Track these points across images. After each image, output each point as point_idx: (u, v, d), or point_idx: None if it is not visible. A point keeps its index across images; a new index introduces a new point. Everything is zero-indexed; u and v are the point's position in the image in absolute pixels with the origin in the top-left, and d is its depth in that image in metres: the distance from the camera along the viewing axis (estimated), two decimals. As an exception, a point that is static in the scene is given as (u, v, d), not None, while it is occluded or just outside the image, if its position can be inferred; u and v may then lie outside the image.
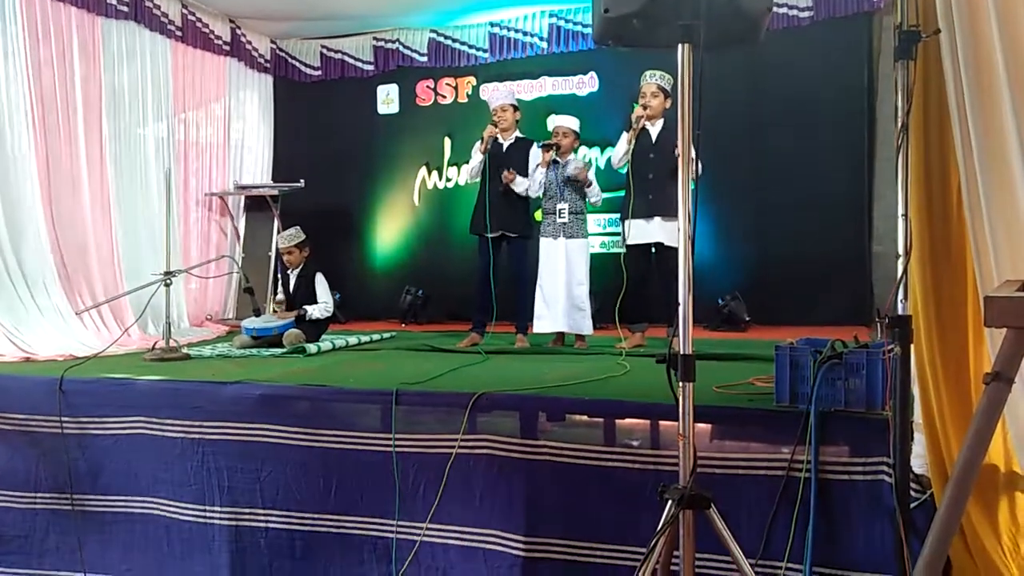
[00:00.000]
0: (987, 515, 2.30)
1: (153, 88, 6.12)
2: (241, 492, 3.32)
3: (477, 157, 5.11)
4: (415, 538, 3.03)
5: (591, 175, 4.98)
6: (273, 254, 6.67)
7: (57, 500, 3.62)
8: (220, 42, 6.86)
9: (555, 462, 2.87)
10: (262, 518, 3.29)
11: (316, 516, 3.21)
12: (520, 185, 5.04)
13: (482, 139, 5.06)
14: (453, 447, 2.98)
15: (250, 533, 3.31)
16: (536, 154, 5.06)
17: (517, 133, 5.19)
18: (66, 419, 3.58)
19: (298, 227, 5.34)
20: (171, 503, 3.44)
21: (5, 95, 4.86)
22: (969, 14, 2.05)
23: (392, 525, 3.08)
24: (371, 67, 7.36)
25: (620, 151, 4.82)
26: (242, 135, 7.34)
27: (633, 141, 4.72)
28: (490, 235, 5.06)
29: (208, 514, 3.37)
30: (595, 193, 4.99)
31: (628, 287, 4.65)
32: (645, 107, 4.72)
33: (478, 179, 5.16)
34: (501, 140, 5.13)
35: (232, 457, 3.34)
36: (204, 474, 3.37)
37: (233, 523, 3.33)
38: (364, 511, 3.14)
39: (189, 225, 6.73)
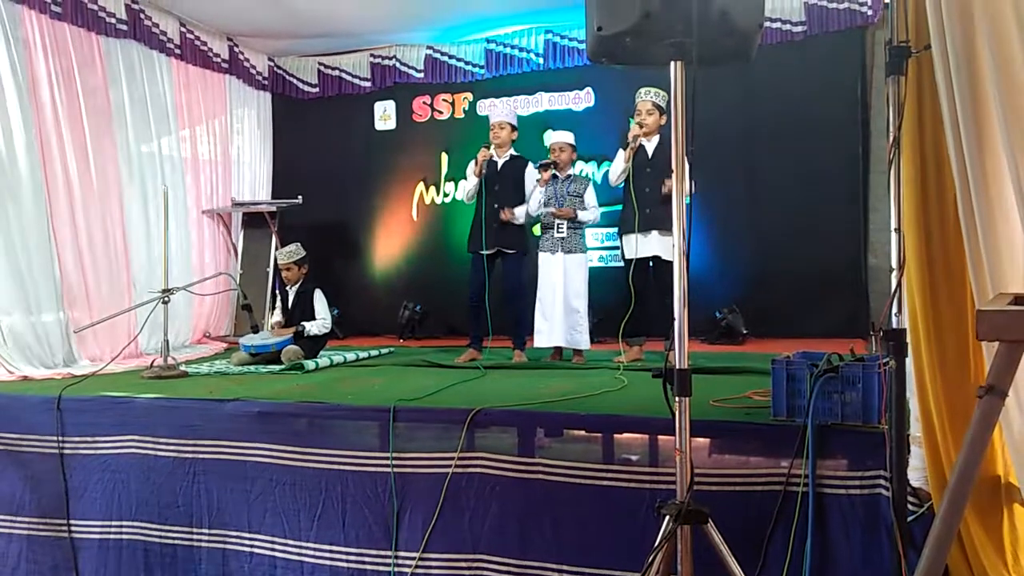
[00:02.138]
0: (985, 527, 2.29)
1: (157, 105, 6.14)
2: (229, 514, 3.29)
3: (472, 180, 5.13)
4: (406, 568, 3.00)
5: (585, 207, 4.94)
6: (271, 270, 6.68)
7: (36, 525, 3.59)
8: (219, 60, 6.90)
9: (550, 481, 2.86)
10: (247, 542, 3.26)
11: (298, 544, 3.18)
12: (520, 217, 5.07)
13: (476, 161, 5.08)
14: (449, 467, 2.97)
15: (235, 558, 3.28)
16: (533, 174, 5.08)
17: (512, 151, 5.21)
18: (62, 438, 3.57)
19: (298, 243, 5.35)
20: (153, 526, 3.41)
21: (11, 114, 4.86)
22: (961, 30, 2.07)
23: (379, 554, 3.04)
24: (368, 84, 7.39)
25: (617, 169, 4.86)
26: (241, 152, 7.37)
27: (630, 160, 4.75)
28: (486, 252, 5.07)
29: (194, 536, 3.34)
30: (587, 219, 4.98)
31: (634, 302, 4.65)
32: (641, 125, 4.75)
33: (474, 200, 5.18)
34: (496, 158, 5.15)
35: (222, 477, 3.32)
36: (192, 494, 3.34)
37: (220, 546, 3.30)
38: (351, 537, 3.10)
39: (196, 241, 6.71)
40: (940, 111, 2.21)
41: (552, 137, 5.22)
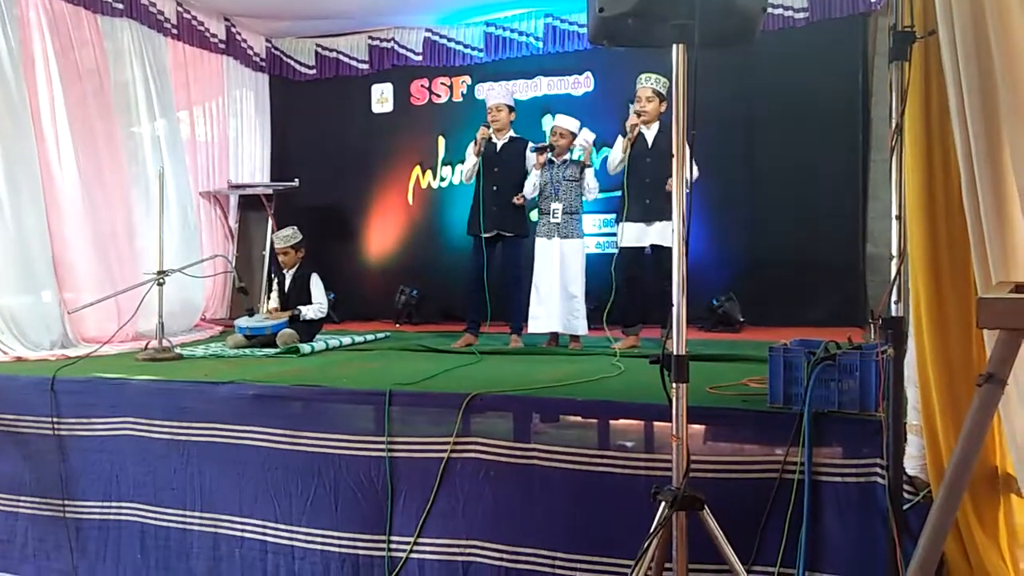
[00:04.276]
0: (982, 517, 2.29)
1: (156, 86, 6.07)
2: (221, 497, 3.28)
3: (471, 159, 5.11)
4: (400, 553, 2.99)
5: (585, 181, 4.94)
6: (267, 253, 6.65)
7: (39, 504, 3.59)
8: (216, 40, 6.84)
9: (546, 467, 2.85)
10: (239, 526, 3.25)
11: (289, 528, 3.17)
12: (529, 194, 5.04)
13: (475, 140, 5.06)
14: (444, 451, 2.96)
15: (227, 542, 3.27)
16: (530, 155, 5.05)
17: (511, 133, 5.18)
18: (56, 419, 3.56)
19: (295, 227, 5.32)
20: (149, 508, 3.41)
21: (6, 93, 4.80)
22: (971, 14, 2.04)
23: (372, 538, 3.04)
24: (366, 66, 7.34)
25: (616, 158, 4.83)
26: (240, 134, 7.32)
27: (628, 148, 4.72)
28: (485, 235, 5.05)
29: (188, 519, 3.33)
30: (592, 185, 4.95)
31: (617, 290, 4.65)
32: (639, 113, 4.72)
33: (473, 181, 5.15)
34: (495, 140, 5.13)
35: (215, 460, 3.31)
36: (186, 477, 3.33)
37: (211, 530, 3.30)
38: (344, 522, 3.09)
39: (195, 223, 6.67)
40: (946, 97, 2.18)
41: (558, 120, 5.12)
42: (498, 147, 5.12)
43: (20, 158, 4.86)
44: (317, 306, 5.20)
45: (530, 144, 5.11)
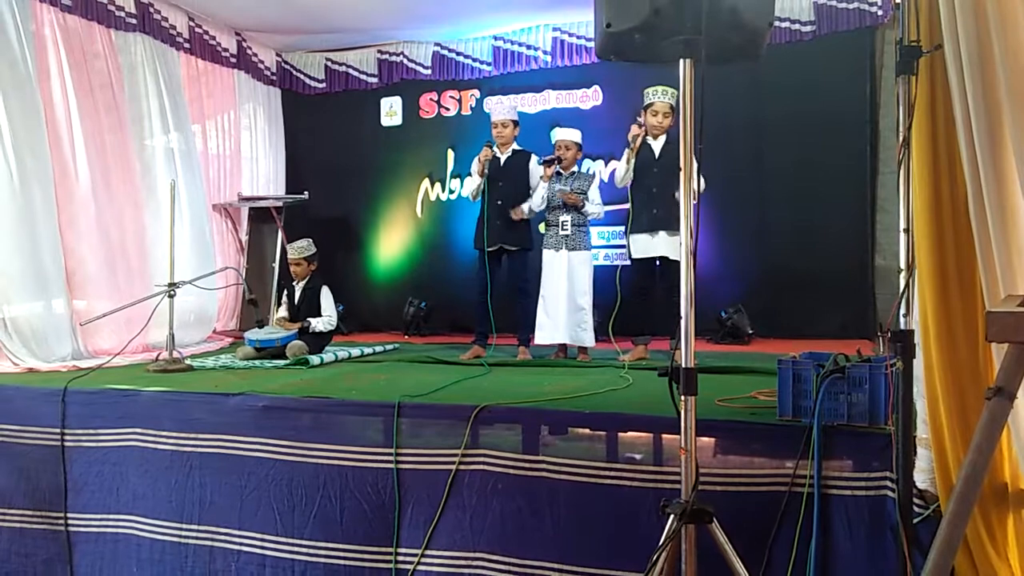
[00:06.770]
0: (993, 532, 2.28)
1: (170, 99, 6.12)
2: (220, 510, 3.27)
3: (476, 180, 5.14)
4: (407, 566, 2.98)
5: (590, 201, 4.92)
6: (277, 265, 6.68)
7: (30, 517, 3.58)
8: (227, 54, 6.92)
9: (554, 479, 2.85)
10: (236, 540, 3.24)
11: (290, 541, 3.15)
12: (530, 211, 5.06)
13: (479, 160, 5.08)
14: (452, 463, 2.96)
15: (223, 556, 3.24)
16: (537, 168, 5.07)
17: (515, 146, 5.20)
18: (64, 431, 3.57)
19: (310, 240, 5.36)
20: (147, 520, 3.39)
21: (22, 107, 4.86)
22: (976, 29, 2.05)
23: (379, 551, 3.03)
24: (375, 80, 7.40)
25: (621, 171, 4.85)
26: (254, 147, 7.37)
27: (632, 160, 4.74)
28: (489, 248, 5.07)
29: (184, 532, 3.31)
30: (592, 213, 4.97)
31: (622, 302, 4.68)
32: (641, 125, 4.74)
33: (479, 199, 5.18)
34: (499, 154, 5.15)
35: (218, 472, 3.30)
36: (187, 489, 3.32)
37: (208, 543, 3.28)
38: (350, 534, 3.08)
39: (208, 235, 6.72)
40: (953, 111, 2.19)
41: (558, 134, 5.22)
42: (502, 161, 5.14)
43: (35, 171, 4.89)
44: (327, 318, 5.22)
45: (534, 157, 5.13)
